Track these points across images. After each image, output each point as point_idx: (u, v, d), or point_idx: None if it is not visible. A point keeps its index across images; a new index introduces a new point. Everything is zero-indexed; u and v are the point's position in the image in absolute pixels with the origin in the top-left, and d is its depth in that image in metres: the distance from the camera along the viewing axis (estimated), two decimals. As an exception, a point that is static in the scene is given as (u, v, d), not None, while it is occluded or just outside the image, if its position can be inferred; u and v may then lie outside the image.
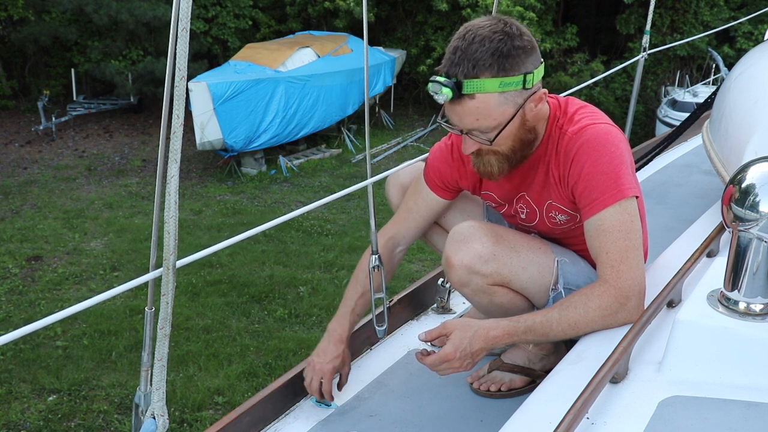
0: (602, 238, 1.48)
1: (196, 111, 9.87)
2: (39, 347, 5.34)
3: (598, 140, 1.51)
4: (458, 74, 1.42)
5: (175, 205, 1.03)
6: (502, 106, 1.45)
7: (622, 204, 1.47)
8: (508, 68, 1.42)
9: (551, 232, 1.70)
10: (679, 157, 3.71)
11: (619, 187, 1.48)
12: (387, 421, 1.70)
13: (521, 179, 1.66)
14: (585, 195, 1.51)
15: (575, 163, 1.52)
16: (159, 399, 1.12)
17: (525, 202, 1.70)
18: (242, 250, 7.42)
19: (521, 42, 1.43)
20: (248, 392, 4.70)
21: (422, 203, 1.82)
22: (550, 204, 1.64)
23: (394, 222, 1.89)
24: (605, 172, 1.48)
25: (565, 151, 1.55)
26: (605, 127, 1.54)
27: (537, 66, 1.47)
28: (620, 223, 1.47)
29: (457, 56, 1.42)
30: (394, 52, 14.70)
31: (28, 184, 10.27)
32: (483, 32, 1.42)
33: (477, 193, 1.80)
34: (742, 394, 1.10)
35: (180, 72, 0.98)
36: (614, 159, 1.49)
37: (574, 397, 1.05)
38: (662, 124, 12.85)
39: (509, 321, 1.49)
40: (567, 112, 1.59)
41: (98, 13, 12.94)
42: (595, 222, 1.49)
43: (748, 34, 15.12)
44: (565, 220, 1.65)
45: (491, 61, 1.40)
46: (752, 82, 2.31)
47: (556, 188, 1.60)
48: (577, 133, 1.53)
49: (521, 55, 1.43)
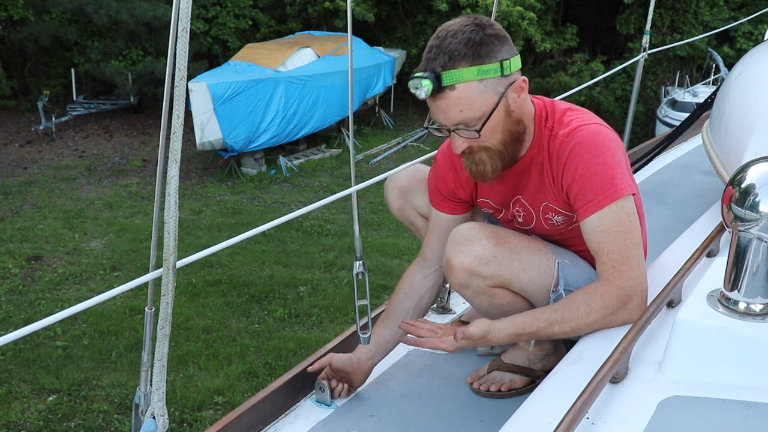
0: (601, 238, 1.48)
1: (196, 111, 9.87)
2: (39, 347, 5.33)
3: (590, 141, 1.51)
4: (436, 68, 1.43)
5: (175, 205, 1.03)
6: (484, 95, 1.46)
7: (618, 203, 1.47)
8: (483, 55, 1.44)
9: (549, 234, 1.70)
10: (679, 157, 3.71)
11: (614, 186, 1.48)
12: (387, 421, 1.69)
13: (515, 182, 1.66)
14: (580, 196, 1.51)
15: (568, 165, 1.52)
16: (159, 399, 1.12)
17: (521, 206, 1.69)
18: (242, 250, 7.42)
19: (492, 30, 1.46)
20: (248, 392, 4.70)
21: (432, 224, 1.83)
22: (546, 206, 1.64)
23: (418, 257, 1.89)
24: (599, 173, 1.48)
25: (558, 154, 1.55)
26: (596, 128, 1.54)
27: (513, 55, 1.49)
28: (618, 222, 1.47)
29: (433, 52, 1.45)
30: (394, 52, 14.70)
31: (28, 184, 10.27)
32: (454, 27, 1.46)
33: (474, 201, 1.80)
34: (742, 394, 1.10)
35: (180, 72, 0.98)
36: (607, 159, 1.49)
37: (574, 397, 1.05)
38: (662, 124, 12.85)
39: (515, 327, 1.50)
40: (555, 114, 1.59)
41: (98, 13, 12.94)
42: (592, 223, 1.49)
43: (748, 34, 15.13)
44: (562, 221, 1.65)
45: (466, 50, 1.43)
46: (752, 82, 2.31)
47: (551, 190, 1.60)
48: (569, 135, 1.53)
49: (494, 42, 1.45)
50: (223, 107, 10.05)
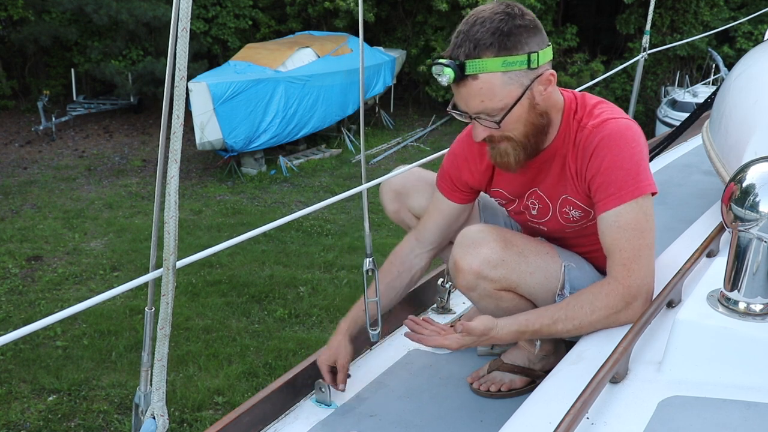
0: (617, 234, 1.47)
1: (196, 111, 9.86)
2: (39, 347, 5.33)
3: (619, 135, 1.49)
4: (460, 55, 1.41)
5: (175, 205, 1.03)
6: (507, 87, 1.43)
7: (639, 201, 1.46)
8: (510, 47, 1.40)
9: (562, 229, 1.69)
10: (679, 157, 3.71)
11: (638, 183, 1.46)
12: (387, 421, 1.69)
13: (535, 173, 1.64)
14: (602, 188, 1.49)
15: (595, 156, 1.50)
16: (159, 399, 1.12)
17: (537, 197, 1.68)
18: (242, 250, 7.42)
19: (523, 21, 1.42)
20: (248, 392, 4.70)
21: (433, 207, 1.82)
22: (565, 198, 1.62)
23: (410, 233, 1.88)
24: (625, 168, 1.47)
25: (584, 145, 1.53)
26: (625, 122, 1.52)
27: (542, 47, 1.45)
28: (636, 221, 1.46)
29: (460, 39, 1.42)
30: (394, 52, 14.70)
31: (28, 184, 10.27)
32: (484, 14, 1.42)
33: (487, 190, 1.78)
34: (742, 394, 1.10)
35: (180, 72, 0.98)
36: (635, 155, 1.48)
37: (574, 397, 1.05)
38: (662, 124, 12.84)
39: (519, 325, 1.49)
40: (586, 106, 1.57)
41: (98, 13, 12.93)
42: (610, 217, 1.48)
43: (748, 34, 15.12)
44: (578, 216, 1.63)
45: (492, 40, 1.39)
46: (752, 82, 2.31)
47: (572, 182, 1.58)
48: (598, 126, 1.51)
49: (523, 33, 1.41)
50: (223, 107, 10.05)
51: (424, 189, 1.87)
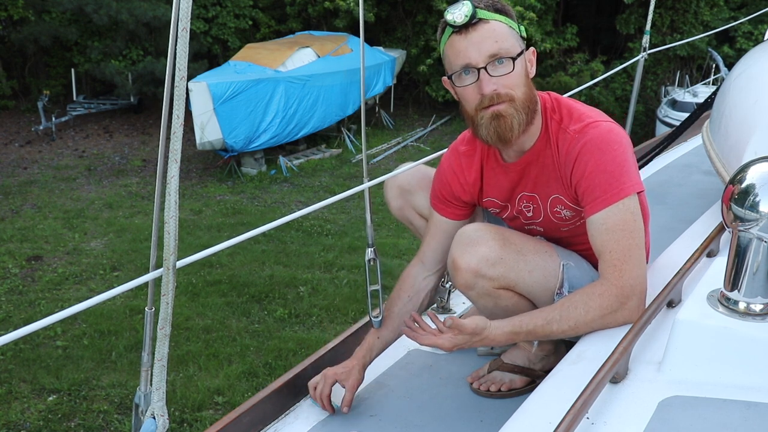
0: (606, 236, 1.49)
1: (196, 111, 9.87)
2: (39, 347, 5.33)
3: (601, 138, 1.52)
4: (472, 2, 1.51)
5: (175, 205, 1.03)
6: (513, 38, 1.53)
7: (625, 202, 1.48)
8: (509, 14, 1.55)
9: (557, 228, 1.70)
10: (679, 157, 3.71)
11: (621, 185, 1.49)
12: (387, 421, 1.69)
13: (521, 175, 1.66)
14: (588, 193, 1.51)
15: (579, 161, 1.53)
16: (159, 399, 1.12)
17: (528, 199, 1.69)
18: (242, 250, 7.42)
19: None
20: (248, 392, 4.70)
21: (432, 227, 1.83)
22: (555, 198, 1.64)
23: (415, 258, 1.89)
24: (608, 170, 1.49)
25: (567, 150, 1.55)
26: (607, 125, 1.55)
27: None
28: (624, 221, 1.48)
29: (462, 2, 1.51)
30: (394, 52, 14.70)
31: (28, 184, 10.27)
32: None
33: (479, 202, 1.79)
34: (742, 394, 1.10)
35: (180, 72, 0.98)
36: (617, 157, 1.50)
37: (574, 397, 1.05)
38: (662, 124, 12.84)
39: (512, 326, 1.50)
40: (561, 108, 1.60)
41: (98, 13, 12.94)
42: (598, 220, 1.50)
43: (748, 34, 15.12)
44: (570, 215, 1.65)
45: (495, 5, 1.53)
46: (752, 82, 2.31)
47: (560, 184, 1.61)
48: (580, 131, 1.54)
49: (512, 12, 1.57)
50: (223, 107, 10.05)
51: (429, 187, 1.87)
